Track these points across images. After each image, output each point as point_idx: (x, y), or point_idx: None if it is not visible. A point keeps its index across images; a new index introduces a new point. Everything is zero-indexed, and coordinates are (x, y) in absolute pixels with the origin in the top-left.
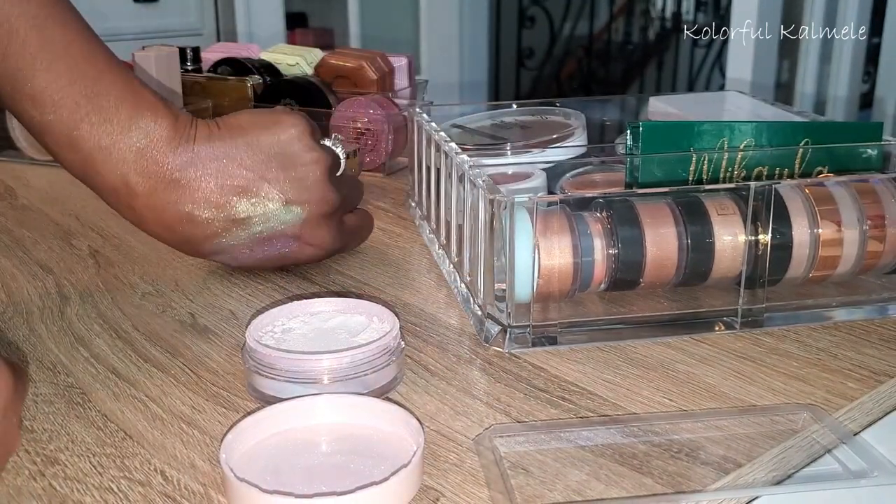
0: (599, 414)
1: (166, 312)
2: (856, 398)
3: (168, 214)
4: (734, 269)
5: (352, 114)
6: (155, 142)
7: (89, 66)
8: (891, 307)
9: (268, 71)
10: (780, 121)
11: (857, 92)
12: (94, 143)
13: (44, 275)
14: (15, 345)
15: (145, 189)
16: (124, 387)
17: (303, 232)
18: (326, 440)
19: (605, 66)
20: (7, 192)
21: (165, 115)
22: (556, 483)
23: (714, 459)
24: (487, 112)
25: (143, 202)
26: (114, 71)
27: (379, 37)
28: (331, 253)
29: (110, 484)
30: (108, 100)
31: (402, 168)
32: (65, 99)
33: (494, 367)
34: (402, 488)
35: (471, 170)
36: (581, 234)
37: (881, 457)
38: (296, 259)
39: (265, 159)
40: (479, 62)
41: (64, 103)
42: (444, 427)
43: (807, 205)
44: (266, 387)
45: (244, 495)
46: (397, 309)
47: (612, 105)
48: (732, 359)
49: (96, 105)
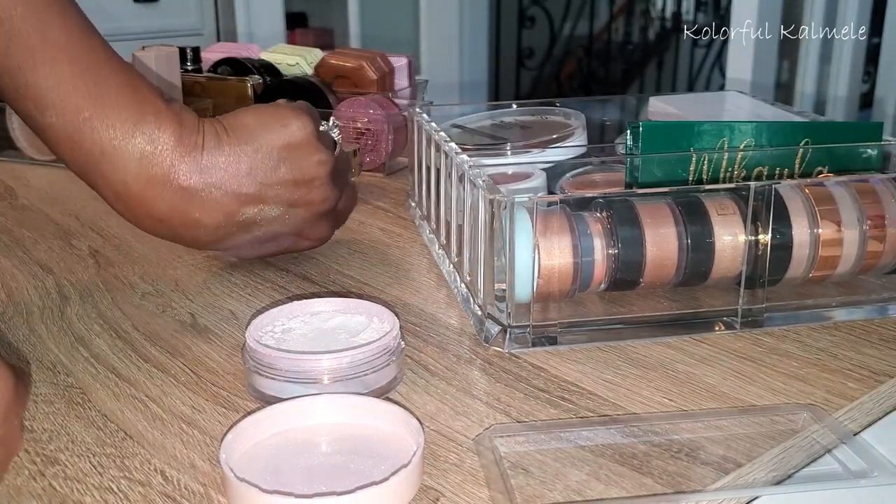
0: (599, 414)
1: (166, 312)
2: (856, 398)
3: (174, 221)
4: (734, 269)
5: (352, 114)
6: (160, 149)
7: (92, 68)
8: (891, 307)
9: (268, 71)
10: (780, 121)
11: (857, 92)
12: (97, 147)
13: (44, 275)
14: (15, 345)
15: (150, 196)
16: (124, 387)
17: (303, 229)
18: (326, 440)
19: (605, 66)
20: (7, 192)
21: (170, 120)
22: (556, 483)
23: (714, 459)
24: (487, 112)
25: (147, 209)
26: (118, 73)
27: (379, 37)
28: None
29: (110, 484)
30: (110, 104)
31: (402, 168)
32: (67, 102)
33: (494, 367)
34: (402, 488)
35: (471, 170)
36: (581, 234)
37: (881, 457)
38: (292, 251)
39: (273, 165)
40: (479, 62)
41: (66, 106)
42: (444, 427)
43: (807, 205)
44: (266, 387)
45: (244, 495)
46: (397, 309)
47: (612, 105)
48: (732, 359)
49: (99, 108)
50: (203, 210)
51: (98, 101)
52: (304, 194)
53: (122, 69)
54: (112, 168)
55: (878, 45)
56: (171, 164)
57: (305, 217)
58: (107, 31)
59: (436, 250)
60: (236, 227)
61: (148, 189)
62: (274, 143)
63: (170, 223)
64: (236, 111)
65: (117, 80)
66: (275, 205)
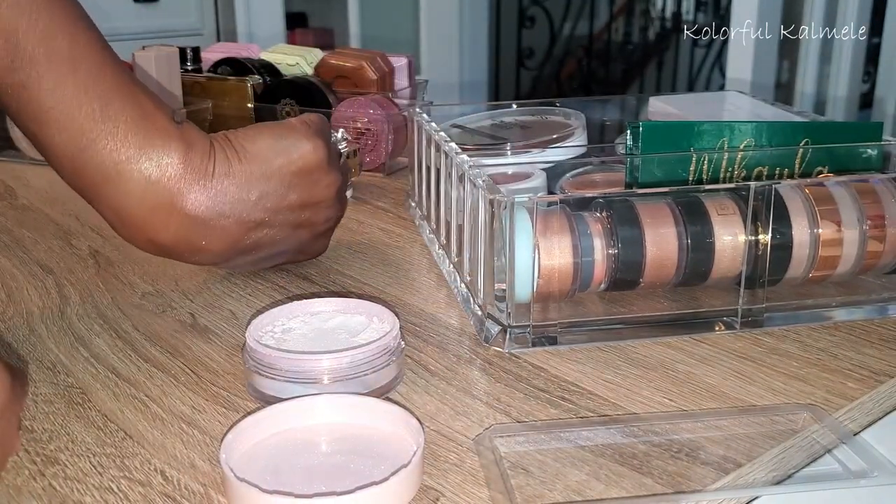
0: (599, 414)
1: (166, 312)
2: (856, 398)
3: (179, 248)
4: (734, 269)
5: (352, 114)
6: (167, 175)
7: (98, 89)
8: (891, 307)
9: (268, 71)
10: (780, 121)
11: (857, 92)
12: (101, 170)
13: (44, 275)
14: (15, 345)
15: (154, 223)
16: (124, 387)
17: (303, 247)
18: (326, 440)
19: (605, 66)
20: (7, 192)
21: (178, 144)
22: (556, 483)
23: (714, 459)
24: (487, 112)
25: (150, 236)
26: (123, 95)
27: (379, 37)
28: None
29: (110, 484)
30: (116, 126)
31: (402, 168)
32: (70, 123)
33: (494, 367)
34: (402, 488)
35: (471, 170)
36: (581, 234)
37: (881, 457)
38: (289, 262)
39: (284, 191)
40: (479, 62)
41: (69, 127)
42: (444, 427)
43: (807, 205)
44: (266, 387)
45: (244, 495)
46: (397, 309)
47: (612, 105)
48: (732, 359)
49: (103, 131)
50: (209, 238)
51: (104, 122)
52: (310, 216)
53: (130, 88)
54: (115, 192)
55: (878, 45)
56: (178, 190)
57: (308, 237)
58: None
59: (436, 250)
60: (240, 252)
61: (153, 216)
62: (286, 170)
63: (175, 250)
64: (248, 130)
65: (125, 99)
66: (280, 228)
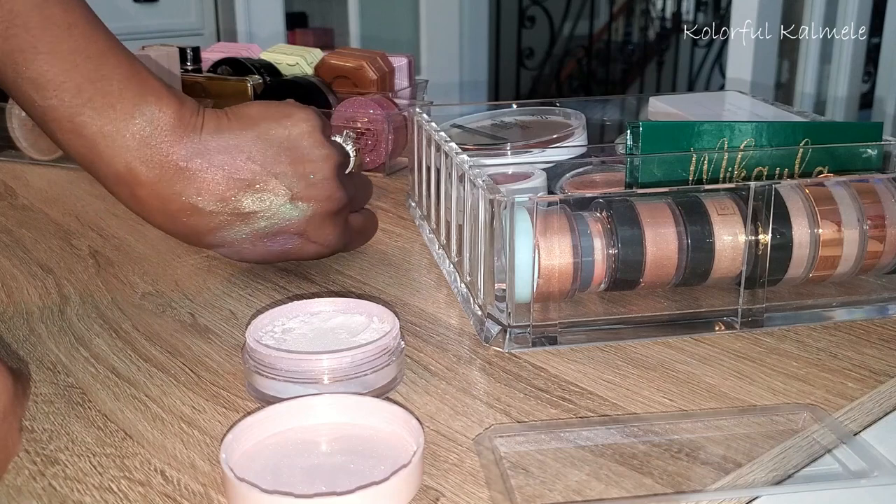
0: (599, 414)
1: (166, 312)
2: (856, 398)
3: (172, 205)
4: (734, 269)
5: (352, 114)
6: (160, 130)
7: (92, 50)
8: (891, 307)
9: (268, 71)
10: (780, 121)
11: (857, 92)
12: (97, 128)
13: (44, 275)
14: (15, 345)
15: (149, 178)
16: (124, 387)
17: (307, 229)
18: (326, 440)
19: (605, 66)
20: (7, 192)
21: (170, 101)
22: (556, 483)
23: (714, 459)
24: (487, 112)
25: (146, 191)
26: (117, 55)
27: (379, 37)
28: (334, 251)
29: (110, 484)
30: (111, 84)
31: (402, 168)
32: (67, 82)
33: (494, 367)
34: (402, 488)
35: (471, 170)
36: (581, 234)
37: (881, 457)
38: (298, 256)
39: (274, 154)
40: (479, 62)
41: (66, 87)
42: (444, 427)
43: (807, 205)
44: (266, 387)
45: (244, 495)
46: (397, 309)
47: (612, 105)
48: (732, 359)
49: (99, 89)
50: (199, 193)
51: (99, 83)
52: (306, 188)
53: (122, 53)
54: (112, 149)
55: (878, 45)
56: (170, 144)
57: (309, 215)
58: None
59: (436, 250)
60: (234, 217)
61: (147, 170)
62: (276, 133)
63: (168, 208)
64: (242, 104)
65: (118, 62)
66: (274, 195)
